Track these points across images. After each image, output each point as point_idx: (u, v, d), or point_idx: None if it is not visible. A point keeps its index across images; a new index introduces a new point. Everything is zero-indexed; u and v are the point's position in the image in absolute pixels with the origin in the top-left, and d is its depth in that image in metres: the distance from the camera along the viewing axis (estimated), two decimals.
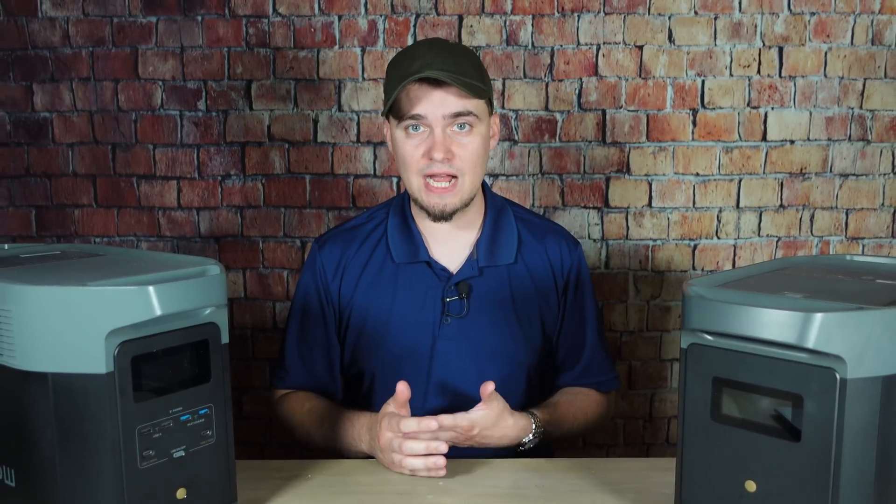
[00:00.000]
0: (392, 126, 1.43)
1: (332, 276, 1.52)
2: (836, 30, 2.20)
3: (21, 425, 0.92)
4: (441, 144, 1.36)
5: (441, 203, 1.41)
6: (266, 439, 2.34)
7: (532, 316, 1.51)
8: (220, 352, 1.02)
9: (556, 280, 1.54)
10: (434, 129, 1.37)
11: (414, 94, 1.36)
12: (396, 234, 1.51)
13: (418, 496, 1.19)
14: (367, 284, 1.50)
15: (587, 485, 1.22)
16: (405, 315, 1.47)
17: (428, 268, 1.48)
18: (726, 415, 0.94)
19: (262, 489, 1.20)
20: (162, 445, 0.96)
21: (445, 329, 1.46)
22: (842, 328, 0.83)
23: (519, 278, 1.51)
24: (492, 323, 1.48)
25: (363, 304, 1.50)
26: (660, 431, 2.37)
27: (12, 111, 2.25)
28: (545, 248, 1.55)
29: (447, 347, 1.46)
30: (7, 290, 0.90)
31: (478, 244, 1.50)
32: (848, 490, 0.85)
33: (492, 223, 1.52)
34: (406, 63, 1.38)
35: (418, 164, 1.39)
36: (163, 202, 2.27)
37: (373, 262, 1.51)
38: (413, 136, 1.39)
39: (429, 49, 1.40)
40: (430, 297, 1.47)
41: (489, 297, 1.48)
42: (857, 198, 2.27)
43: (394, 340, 1.47)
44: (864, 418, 0.84)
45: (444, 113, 1.36)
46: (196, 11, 2.20)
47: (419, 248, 1.49)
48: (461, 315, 1.46)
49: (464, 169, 1.40)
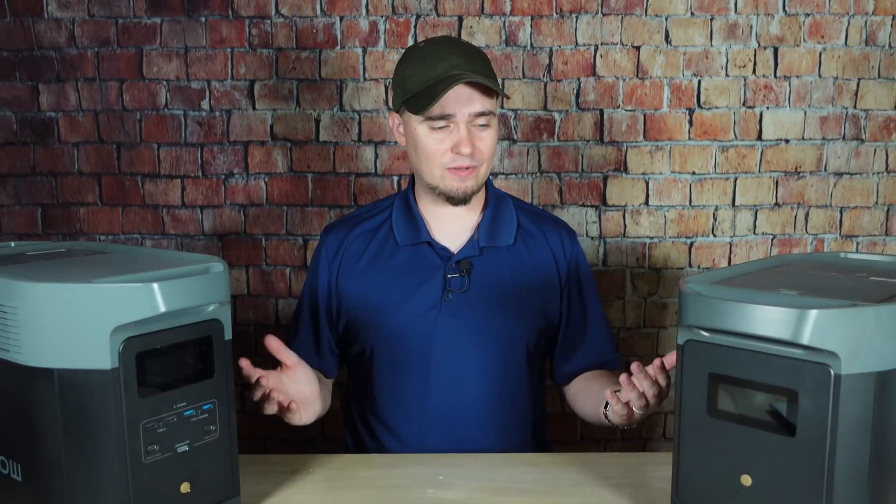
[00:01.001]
0: (409, 120, 1.46)
1: (331, 259, 1.57)
2: (830, 30, 2.19)
3: (27, 420, 0.92)
4: (467, 141, 1.42)
5: (462, 186, 1.46)
6: (269, 434, 2.34)
7: (532, 297, 1.54)
8: (224, 348, 1.02)
9: (557, 266, 1.57)
10: (459, 126, 1.42)
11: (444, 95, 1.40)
12: (400, 219, 1.55)
13: (418, 489, 1.19)
14: (365, 266, 1.54)
15: (585, 479, 1.22)
16: (408, 293, 1.50)
17: (429, 248, 1.52)
18: (722, 410, 0.94)
19: (265, 483, 1.20)
20: (166, 440, 0.96)
21: (447, 305, 1.48)
22: (836, 325, 0.83)
23: (519, 260, 1.54)
24: (492, 300, 1.50)
25: (362, 284, 1.53)
26: (657, 426, 2.37)
27: (18, 111, 2.25)
28: (545, 236, 1.58)
29: (448, 323, 1.48)
30: (13, 287, 0.90)
31: (479, 227, 1.54)
32: (842, 484, 0.85)
33: (492, 208, 1.56)
34: (429, 63, 1.42)
35: (443, 158, 1.44)
36: (167, 200, 2.27)
37: (373, 245, 1.55)
38: (437, 132, 1.43)
39: (452, 49, 1.45)
40: (432, 275, 1.50)
41: (489, 276, 1.51)
42: (851, 196, 2.27)
43: (395, 318, 1.50)
44: (857, 413, 0.84)
45: (471, 112, 1.41)
46: (200, 12, 2.19)
47: (421, 230, 1.52)
48: (462, 290, 1.49)
49: (483, 159, 1.46)
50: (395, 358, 1.50)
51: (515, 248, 1.54)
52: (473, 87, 1.41)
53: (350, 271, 1.55)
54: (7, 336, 0.91)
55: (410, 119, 1.45)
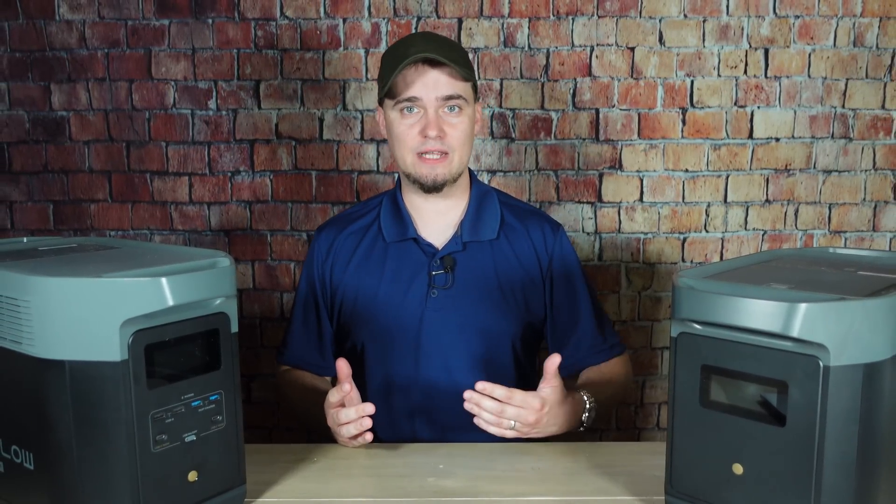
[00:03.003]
0: (386, 108, 1.49)
1: (324, 258, 1.58)
2: (819, 32, 2.19)
3: (39, 411, 0.91)
4: (434, 123, 1.43)
5: (433, 173, 1.46)
6: (274, 424, 2.34)
7: (515, 290, 1.53)
8: (230, 340, 1.02)
9: (539, 260, 1.56)
10: (427, 110, 1.43)
11: (410, 77, 1.42)
12: (387, 216, 1.56)
13: (419, 478, 1.19)
14: (356, 264, 1.55)
15: (581, 467, 1.22)
16: (394, 290, 1.50)
17: (415, 244, 1.52)
18: (714, 401, 0.94)
19: (270, 472, 1.20)
20: (174, 430, 0.95)
21: (432, 301, 1.49)
22: (825, 318, 0.83)
23: (503, 255, 1.54)
24: (476, 295, 1.50)
25: (353, 281, 1.54)
26: (651, 417, 2.37)
27: (31, 110, 2.24)
28: (527, 231, 1.57)
29: (434, 318, 1.48)
30: (26, 282, 0.90)
31: (462, 222, 1.54)
32: (831, 472, 0.85)
33: (476, 203, 1.56)
34: (401, 50, 1.44)
35: (413, 142, 1.45)
36: (175, 197, 2.27)
37: (364, 243, 1.56)
38: (408, 117, 1.45)
39: (422, 38, 1.48)
40: (418, 271, 1.51)
41: (473, 271, 1.51)
42: (839, 193, 2.27)
43: (384, 314, 1.50)
44: (846, 404, 0.84)
45: (438, 95, 1.43)
46: (207, 14, 2.19)
47: (408, 227, 1.53)
48: (446, 287, 1.49)
49: (454, 146, 1.46)
50: (385, 353, 1.50)
51: (498, 242, 1.54)
52: (441, 71, 1.42)
53: (342, 270, 1.56)
54: (20, 329, 0.91)
55: (388, 109, 1.48)
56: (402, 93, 1.43)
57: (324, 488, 1.16)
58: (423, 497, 1.12)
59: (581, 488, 1.15)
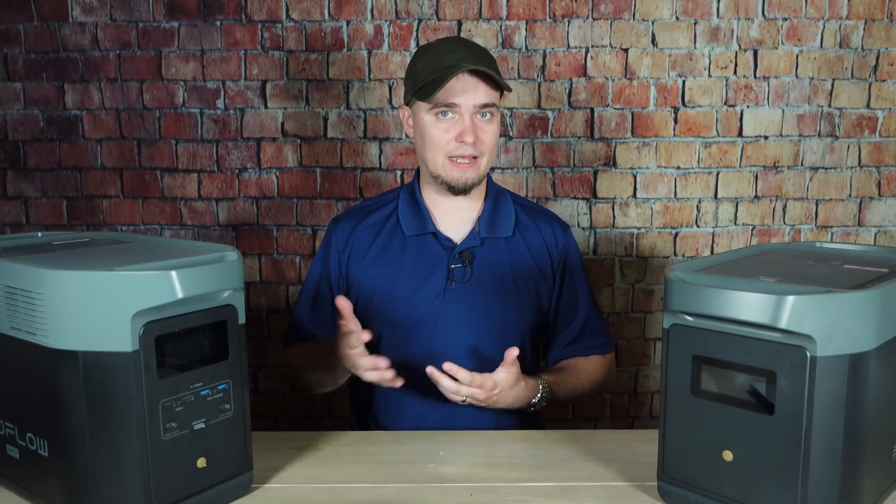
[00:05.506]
0: (419, 109, 1.46)
1: (341, 249, 1.56)
2: (806, 34, 2.18)
3: (53, 400, 0.91)
4: (471, 130, 1.42)
5: (463, 177, 1.46)
6: (280, 412, 2.34)
7: (528, 285, 1.54)
8: (238, 331, 1.02)
9: (551, 257, 1.57)
10: (464, 116, 1.42)
11: (451, 84, 1.40)
12: (406, 210, 1.55)
13: (420, 464, 1.18)
14: (374, 255, 1.53)
15: (576, 454, 1.22)
16: (413, 281, 1.50)
17: (434, 239, 1.51)
18: (705, 390, 0.94)
19: (276, 458, 1.20)
20: (183, 418, 0.95)
21: (450, 293, 1.48)
22: (812, 310, 0.83)
23: (517, 251, 1.54)
24: (492, 288, 1.50)
25: (371, 272, 1.53)
26: (644, 405, 2.38)
27: (45, 109, 2.24)
28: (539, 229, 1.58)
29: (451, 310, 1.48)
30: (41, 275, 0.90)
31: (479, 219, 1.53)
32: (817, 459, 0.85)
33: (492, 202, 1.56)
34: (440, 56, 1.42)
35: (447, 147, 1.44)
36: (184, 193, 2.27)
37: (381, 236, 1.54)
38: (443, 121, 1.44)
39: (460, 44, 1.46)
40: (437, 265, 1.50)
41: (490, 266, 1.51)
42: (826, 189, 2.27)
43: (402, 304, 1.49)
44: (832, 393, 0.84)
45: (476, 103, 1.42)
46: (215, 17, 2.18)
47: (427, 221, 1.52)
48: (465, 280, 1.49)
49: (484, 151, 1.46)
50: (401, 343, 1.50)
51: (514, 239, 1.54)
52: (479, 79, 1.41)
53: (359, 262, 1.54)
54: (35, 320, 0.90)
55: (419, 109, 1.46)
56: (441, 98, 1.41)
57: (328, 474, 1.15)
58: (424, 483, 1.12)
59: (576, 474, 1.15)
